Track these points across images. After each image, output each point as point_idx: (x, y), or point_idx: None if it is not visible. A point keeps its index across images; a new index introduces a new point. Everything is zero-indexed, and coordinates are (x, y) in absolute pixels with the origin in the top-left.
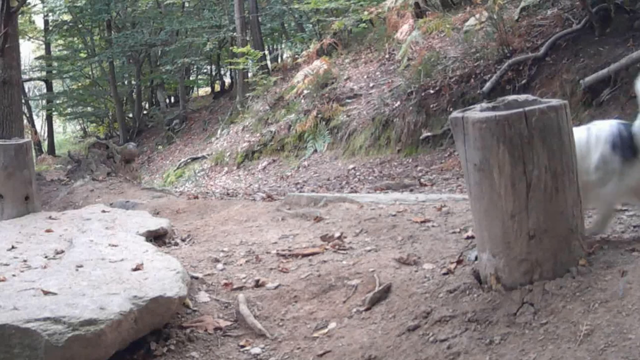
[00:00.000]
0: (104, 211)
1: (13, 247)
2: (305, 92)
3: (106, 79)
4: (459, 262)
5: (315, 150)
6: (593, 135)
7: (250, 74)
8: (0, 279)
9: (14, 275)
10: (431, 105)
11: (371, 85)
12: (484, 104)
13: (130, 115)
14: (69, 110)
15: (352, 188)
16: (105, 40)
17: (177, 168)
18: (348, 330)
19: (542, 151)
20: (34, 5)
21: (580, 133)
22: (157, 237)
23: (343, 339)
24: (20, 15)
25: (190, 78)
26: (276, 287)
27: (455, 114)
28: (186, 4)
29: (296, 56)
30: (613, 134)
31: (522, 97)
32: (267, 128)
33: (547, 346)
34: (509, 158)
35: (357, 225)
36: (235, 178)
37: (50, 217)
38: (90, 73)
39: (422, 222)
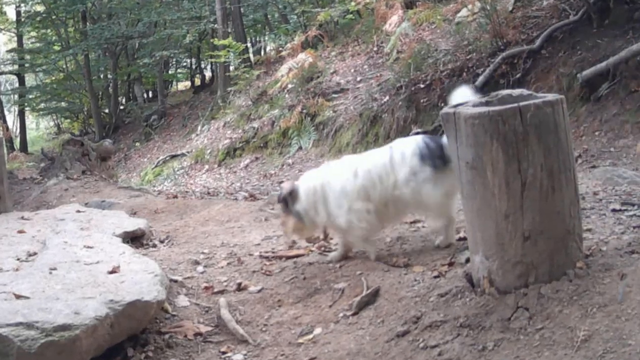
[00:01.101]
0: (78, 211)
1: None
2: (290, 86)
3: (81, 72)
4: (450, 264)
5: (300, 148)
6: (397, 153)
7: (232, 68)
8: None
9: None
10: (421, 100)
11: (359, 79)
12: (477, 99)
13: (106, 110)
14: (42, 105)
15: None
16: (80, 32)
17: (156, 166)
18: (334, 336)
19: (538, 148)
20: None
21: (383, 153)
22: (135, 239)
23: (329, 345)
24: None
25: (169, 72)
26: (259, 291)
27: (447, 109)
28: None
29: (280, 49)
30: (420, 147)
31: (516, 91)
32: (250, 124)
33: (542, 353)
34: (503, 155)
35: None
36: (216, 176)
37: (22, 218)
38: (64, 66)
39: (411, 222)
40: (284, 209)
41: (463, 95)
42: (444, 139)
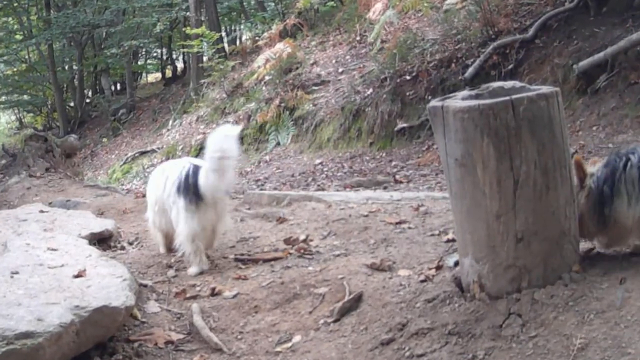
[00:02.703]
0: (42, 211)
1: None
2: (267, 78)
3: (44, 63)
4: (438, 268)
5: (278, 143)
6: (167, 175)
7: (205, 58)
8: None
9: None
10: (407, 93)
11: (340, 70)
12: (466, 92)
13: (72, 104)
14: (3, 98)
15: (319, 185)
16: (43, 20)
17: (124, 163)
18: (314, 344)
19: (531, 144)
20: None
21: (159, 173)
22: (102, 240)
23: (309, 354)
24: None
25: (139, 63)
26: (234, 296)
27: (434, 102)
28: None
29: (257, 38)
30: (180, 177)
31: (508, 83)
32: (225, 118)
33: None
34: (494, 152)
35: (325, 227)
36: None
37: None
38: (26, 57)
39: (397, 223)
40: None
41: None
42: (201, 176)
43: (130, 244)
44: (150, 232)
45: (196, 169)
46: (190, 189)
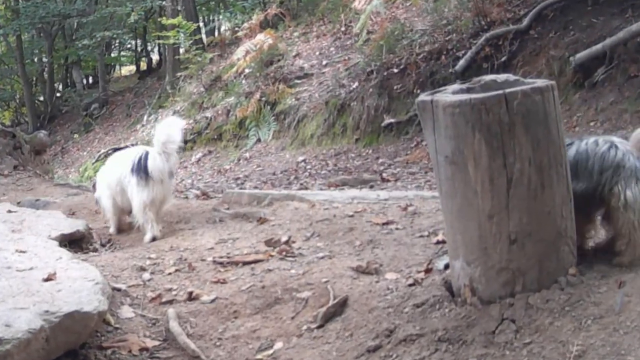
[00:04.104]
0: (10, 211)
1: None
2: (247, 71)
3: (12, 55)
4: (427, 271)
5: (259, 140)
6: (124, 159)
7: (182, 50)
8: None
9: None
10: (395, 87)
11: (324, 63)
12: (457, 85)
13: (41, 98)
14: None
15: (301, 184)
16: (11, 9)
17: (97, 160)
18: (297, 351)
19: (526, 141)
20: None
21: (117, 158)
22: (73, 242)
23: None
24: None
25: (112, 55)
26: (212, 301)
27: (423, 97)
28: None
29: (236, 29)
30: (134, 160)
31: (501, 77)
32: (202, 113)
33: None
34: (487, 149)
35: (308, 227)
36: None
37: None
38: None
39: (384, 224)
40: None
41: None
42: (150, 159)
43: (103, 245)
44: (104, 212)
45: (147, 154)
46: (141, 169)
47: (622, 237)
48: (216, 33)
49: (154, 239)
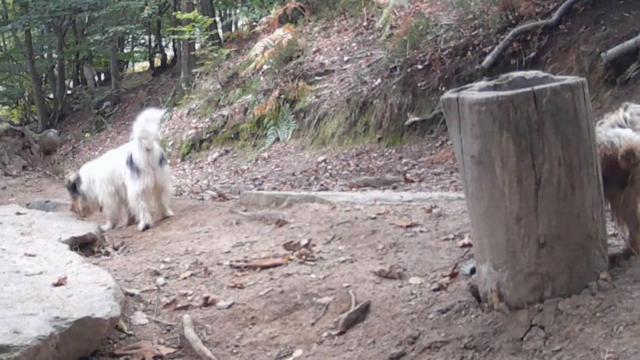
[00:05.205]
0: (18, 213)
1: None
2: (265, 67)
3: (21, 51)
4: (452, 275)
5: (277, 139)
6: (120, 158)
7: (197, 46)
8: None
9: None
10: (419, 84)
11: (346, 59)
12: (484, 82)
13: (51, 96)
14: None
15: (322, 185)
16: (20, 4)
17: None
18: (317, 358)
19: (555, 140)
20: None
21: (116, 155)
22: (84, 245)
23: None
24: None
25: (124, 51)
26: (229, 306)
27: (449, 94)
28: None
29: (254, 24)
30: (129, 154)
31: (530, 73)
32: (219, 112)
33: None
34: (514, 148)
35: (329, 230)
36: (179, 172)
37: None
38: (1, 44)
39: (407, 226)
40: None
41: None
42: (133, 152)
43: (116, 249)
44: (106, 206)
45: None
46: (131, 162)
47: None
48: (233, 28)
49: (146, 227)
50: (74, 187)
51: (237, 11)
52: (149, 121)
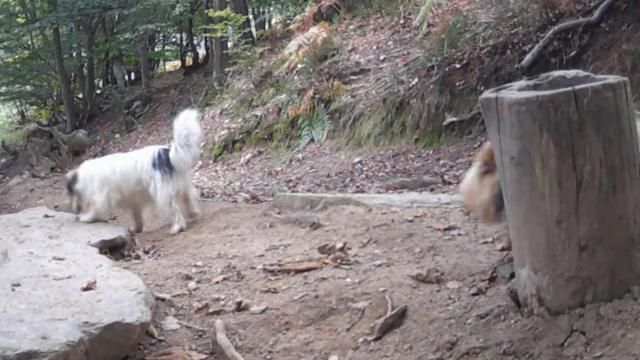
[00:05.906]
0: (47, 216)
1: None
2: (300, 66)
3: (50, 50)
4: (491, 279)
5: (312, 140)
6: (139, 161)
7: (230, 44)
8: None
9: None
10: (457, 83)
11: (382, 58)
12: (523, 82)
13: (80, 95)
14: (3, 89)
15: (357, 187)
16: (48, 1)
17: None
18: None
19: (596, 141)
20: None
21: (128, 159)
22: (114, 249)
23: None
24: None
25: (155, 49)
26: (263, 311)
27: (487, 94)
28: None
29: (288, 22)
30: (154, 157)
31: (570, 72)
32: (252, 112)
33: None
34: (555, 149)
35: (365, 233)
36: (211, 174)
37: None
38: (29, 43)
39: (445, 229)
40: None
41: None
42: (172, 154)
43: (146, 252)
44: (94, 204)
45: (164, 150)
46: (163, 163)
47: None
48: (266, 26)
49: (180, 230)
50: (70, 186)
51: (271, 9)
52: (190, 119)
